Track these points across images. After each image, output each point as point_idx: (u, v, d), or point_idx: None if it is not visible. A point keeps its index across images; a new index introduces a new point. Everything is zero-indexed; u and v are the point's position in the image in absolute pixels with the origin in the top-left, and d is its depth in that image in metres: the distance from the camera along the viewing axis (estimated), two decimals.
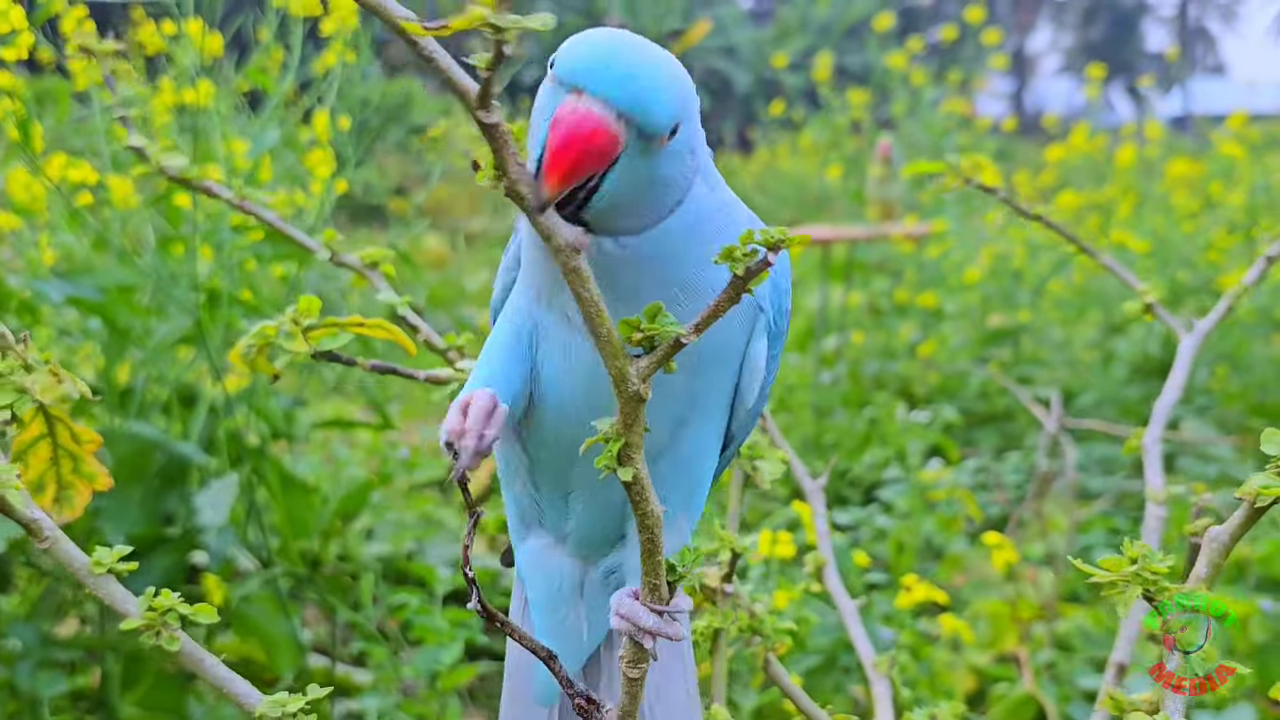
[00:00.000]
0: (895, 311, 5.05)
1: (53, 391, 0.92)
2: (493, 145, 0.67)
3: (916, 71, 6.13)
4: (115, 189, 2.14)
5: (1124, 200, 4.93)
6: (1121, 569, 0.79)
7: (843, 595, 1.34)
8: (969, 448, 4.15)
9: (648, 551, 0.83)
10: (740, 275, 0.72)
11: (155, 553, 2.18)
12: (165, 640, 0.86)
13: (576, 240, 0.70)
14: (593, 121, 0.75)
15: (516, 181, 0.68)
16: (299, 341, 1.02)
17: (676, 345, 0.74)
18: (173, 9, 2.44)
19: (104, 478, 1.00)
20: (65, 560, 0.89)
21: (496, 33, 0.63)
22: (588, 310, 0.72)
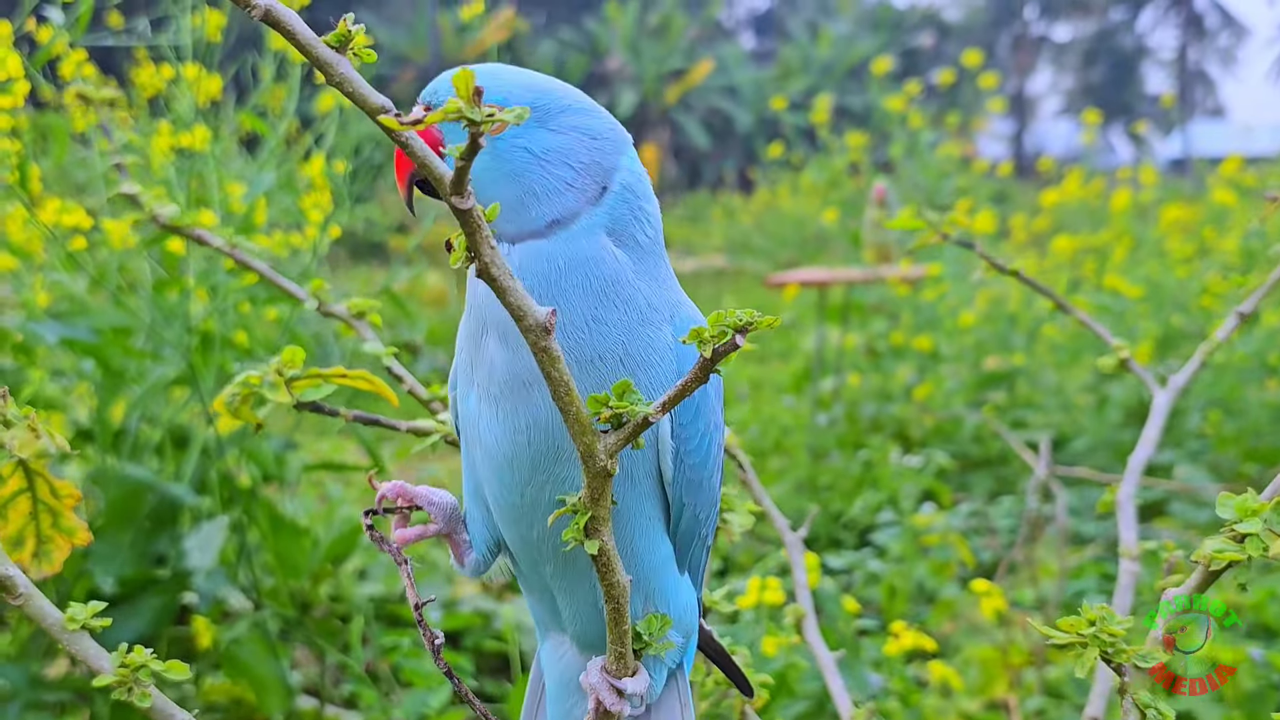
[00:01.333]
0: (891, 354, 5.06)
1: (30, 447, 0.93)
2: (466, 230, 0.69)
3: (914, 114, 6.16)
4: (111, 231, 2.16)
5: (1119, 245, 4.95)
6: (1080, 629, 0.80)
7: (821, 647, 1.34)
8: (963, 492, 4.15)
9: (613, 621, 0.84)
10: (708, 356, 0.73)
11: (146, 594, 2.19)
12: (137, 697, 0.86)
13: (547, 320, 0.72)
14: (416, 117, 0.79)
15: (489, 264, 0.70)
16: (282, 392, 1.03)
17: (644, 423, 0.75)
18: (170, 53, 2.46)
19: (83, 532, 1.01)
20: (38, 617, 0.89)
21: (472, 125, 0.65)
22: (557, 390, 0.74)
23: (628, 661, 0.87)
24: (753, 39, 39.19)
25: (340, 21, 0.69)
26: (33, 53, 2.41)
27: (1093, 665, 0.79)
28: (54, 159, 2.54)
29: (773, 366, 7.20)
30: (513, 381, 0.85)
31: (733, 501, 1.18)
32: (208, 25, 2.43)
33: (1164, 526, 3.52)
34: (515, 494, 0.88)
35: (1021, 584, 3.09)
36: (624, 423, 0.76)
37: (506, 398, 0.85)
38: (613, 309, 0.86)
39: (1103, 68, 36.04)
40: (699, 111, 28.87)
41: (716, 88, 28.72)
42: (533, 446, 0.86)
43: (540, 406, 0.84)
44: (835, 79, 27.41)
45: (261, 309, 2.44)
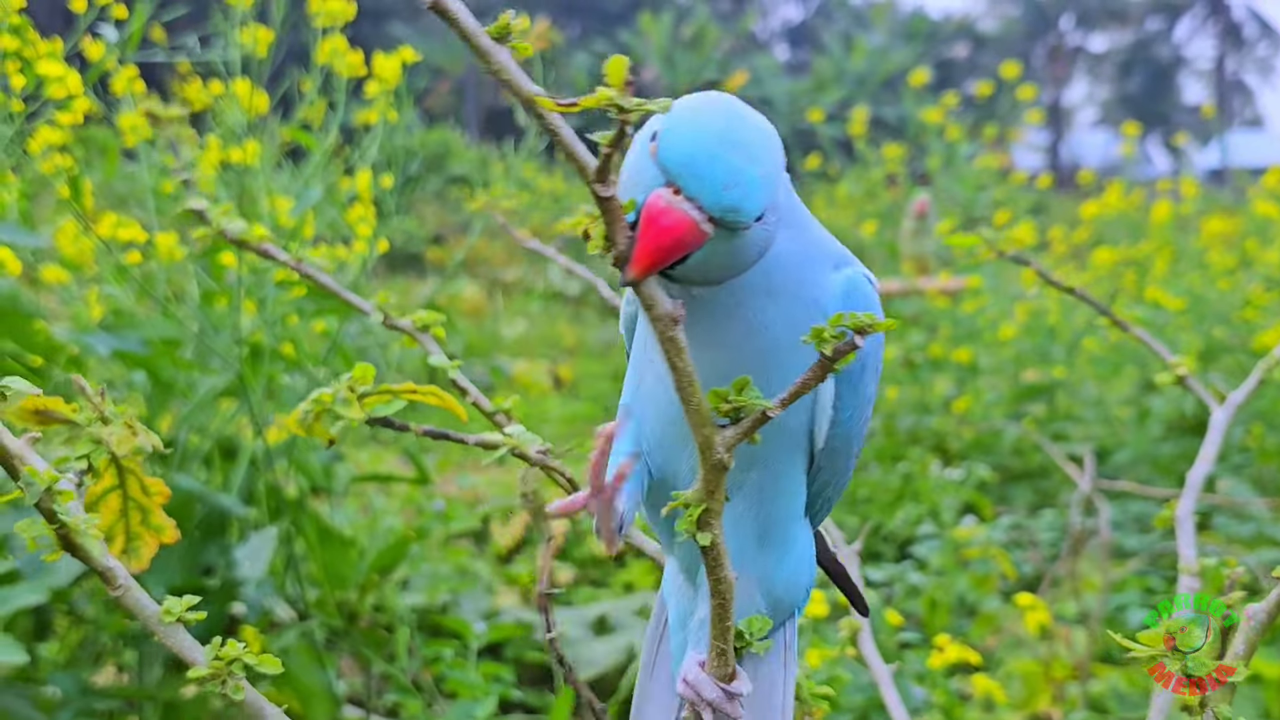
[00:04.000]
0: (930, 366, 5.05)
1: (127, 444, 0.95)
2: (606, 218, 0.71)
3: (952, 126, 6.16)
4: (160, 244, 2.19)
5: (1160, 257, 4.93)
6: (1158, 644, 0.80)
7: (877, 660, 1.35)
8: (1003, 504, 4.14)
9: (718, 617, 0.84)
10: (828, 355, 0.75)
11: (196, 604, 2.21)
12: (231, 689, 0.88)
13: (675, 311, 0.73)
14: (685, 225, 0.78)
15: (626, 252, 0.72)
16: (355, 408, 1.05)
17: (763, 418, 0.77)
18: (220, 68, 2.49)
19: (171, 530, 1.03)
20: (135, 609, 0.92)
21: (621, 113, 0.67)
22: (680, 380, 0.75)
23: (729, 659, 0.87)
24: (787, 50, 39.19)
25: (502, 15, 0.70)
26: (84, 69, 2.45)
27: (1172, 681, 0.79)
28: (105, 174, 2.57)
29: None
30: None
31: None
32: (257, 43, 2.46)
33: (1207, 540, 3.50)
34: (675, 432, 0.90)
35: (1064, 598, 3.08)
36: (742, 417, 0.77)
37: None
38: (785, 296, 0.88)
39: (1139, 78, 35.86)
40: None
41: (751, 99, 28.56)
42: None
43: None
44: (869, 90, 27.37)
45: (309, 322, 2.47)
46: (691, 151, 0.80)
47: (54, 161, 2.16)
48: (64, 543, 0.88)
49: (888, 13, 32.20)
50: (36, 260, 2.38)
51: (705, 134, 0.81)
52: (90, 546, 0.88)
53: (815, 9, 38.92)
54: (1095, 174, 7.21)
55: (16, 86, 2.07)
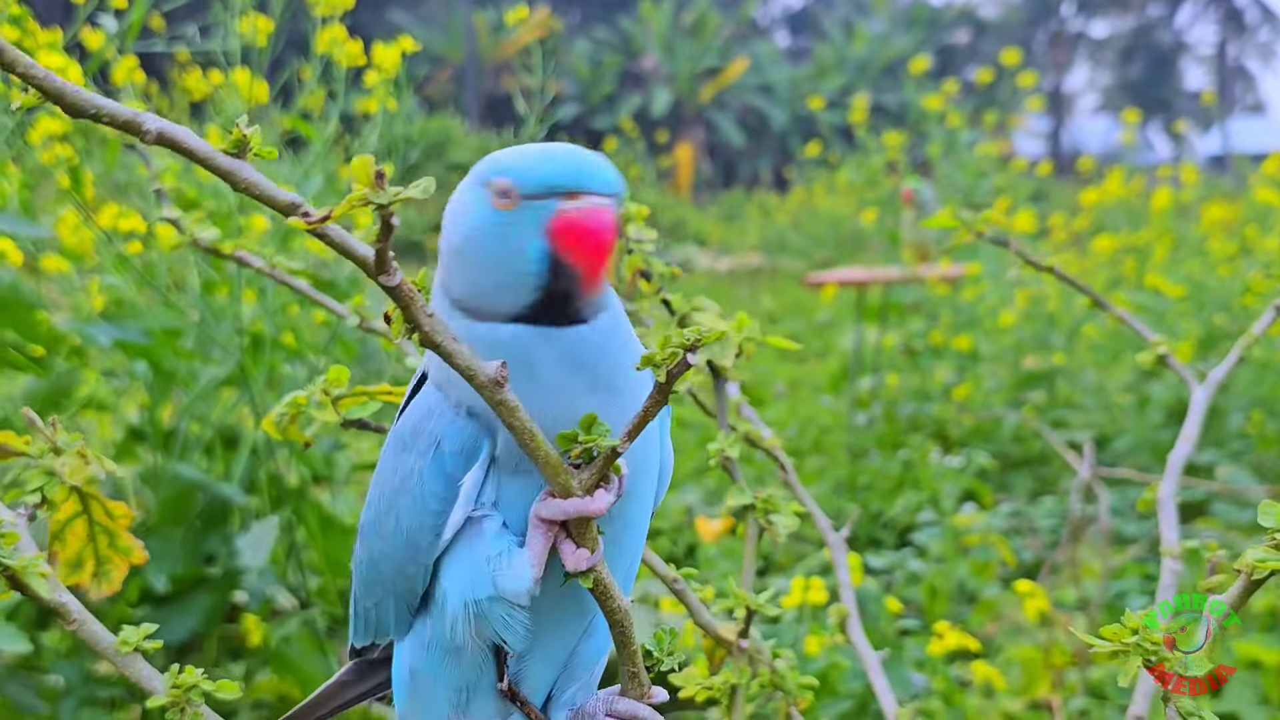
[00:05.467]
0: (930, 353, 5.06)
1: (80, 474, 0.95)
2: (400, 304, 0.71)
3: (953, 113, 6.15)
4: (161, 234, 2.19)
5: (1160, 244, 4.93)
6: (1123, 638, 0.81)
7: (866, 647, 1.35)
8: (1003, 492, 4.15)
9: (621, 644, 0.85)
10: (663, 380, 0.76)
11: (197, 592, 2.22)
12: (190, 717, 0.88)
13: (498, 375, 0.74)
14: (609, 216, 0.81)
15: (430, 333, 0.72)
16: (329, 411, 1.05)
17: (613, 454, 0.78)
18: (220, 58, 2.50)
19: (139, 551, 1.04)
20: (92, 641, 0.91)
21: (380, 209, 0.68)
22: (523, 438, 0.76)
23: (642, 679, 0.88)
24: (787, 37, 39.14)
25: (235, 128, 0.72)
26: (84, 59, 2.45)
27: (1135, 673, 0.80)
28: (106, 164, 2.58)
29: (810, 365, 7.21)
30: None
31: (778, 503, 1.19)
32: (257, 32, 2.46)
33: (1206, 527, 3.51)
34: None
35: (1064, 584, 3.09)
36: (595, 456, 0.78)
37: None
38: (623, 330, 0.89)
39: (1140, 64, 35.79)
40: (734, 110, 28.87)
41: (751, 86, 28.71)
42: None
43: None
44: (870, 77, 27.36)
45: (310, 311, 2.47)
46: (567, 160, 0.83)
47: (54, 152, 2.16)
48: (12, 583, 0.88)
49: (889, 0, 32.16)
50: (37, 250, 2.38)
51: (554, 149, 0.84)
52: (37, 586, 0.88)
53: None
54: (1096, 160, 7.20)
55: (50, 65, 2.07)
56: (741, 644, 1.13)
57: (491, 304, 0.83)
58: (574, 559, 0.83)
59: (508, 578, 0.85)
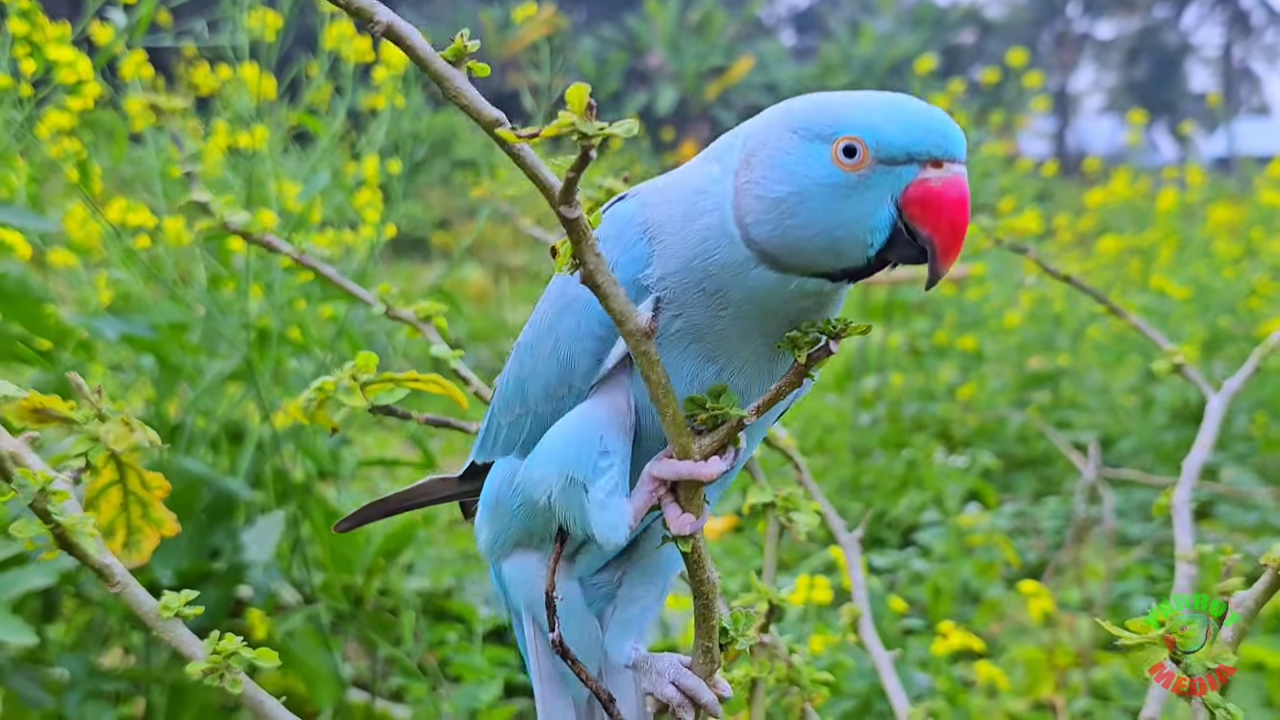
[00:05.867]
0: (935, 353, 5.06)
1: (125, 440, 0.95)
2: (573, 238, 0.72)
3: (958, 114, 6.15)
4: (169, 229, 2.19)
5: (1165, 245, 4.93)
6: (1149, 631, 0.81)
7: (878, 646, 1.36)
8: (1007, 492, 4.15)
9: (702, 617, 0.86)
10: (803, 362, 0.77)
11: (202, 587, 2.22)
12: (229, 683, 0.89)
13: (649, 325, 0.75)
14: (967, 189, 0.77)
15: (594, 271, 0.73)
16: (358, 396, 1.06)
17: (739, 424, 0.78)
18: (229, 53, 2.50)
19: (171, 523, 1.04)
20: (134, 604, 0.91)
21: (583, 139, 0.68)
22: (655, 391, 0.77)
23: (715, 656, 0.89)
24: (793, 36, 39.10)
25: (457, 37, 0.71)
26: (92, 53, 2.45)
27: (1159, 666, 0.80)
28: (114, 157, 2.58)
29: None
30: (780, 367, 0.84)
31: (798, 501, 1.19)
32: (265, 27, 2.47)
33: (1210, 529, 3.51)
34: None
35: (1068, 585, 3.09)
36: (719, 424, 0.78)
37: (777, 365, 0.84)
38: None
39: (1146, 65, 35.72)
40: (739, 109, 28.82)
41: (757, 85, 28.67)
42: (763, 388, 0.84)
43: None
44: (876, 77, 27.31)
45: (316, 306, 2.47)
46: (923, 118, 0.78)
47: (63, 146, 2.16)
48: (60, 541, 0.89)
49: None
50: (45, 244, 2.38)
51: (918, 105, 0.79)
52: (86, 545, 0.89)
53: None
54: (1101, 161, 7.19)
55: (26, 71, 2.08)
56: (763, 638, 1.13)
57: (808, 263, 0.79)
58: (679, 522, 0.83)
59: (603, 522, 0.85)
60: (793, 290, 0.79)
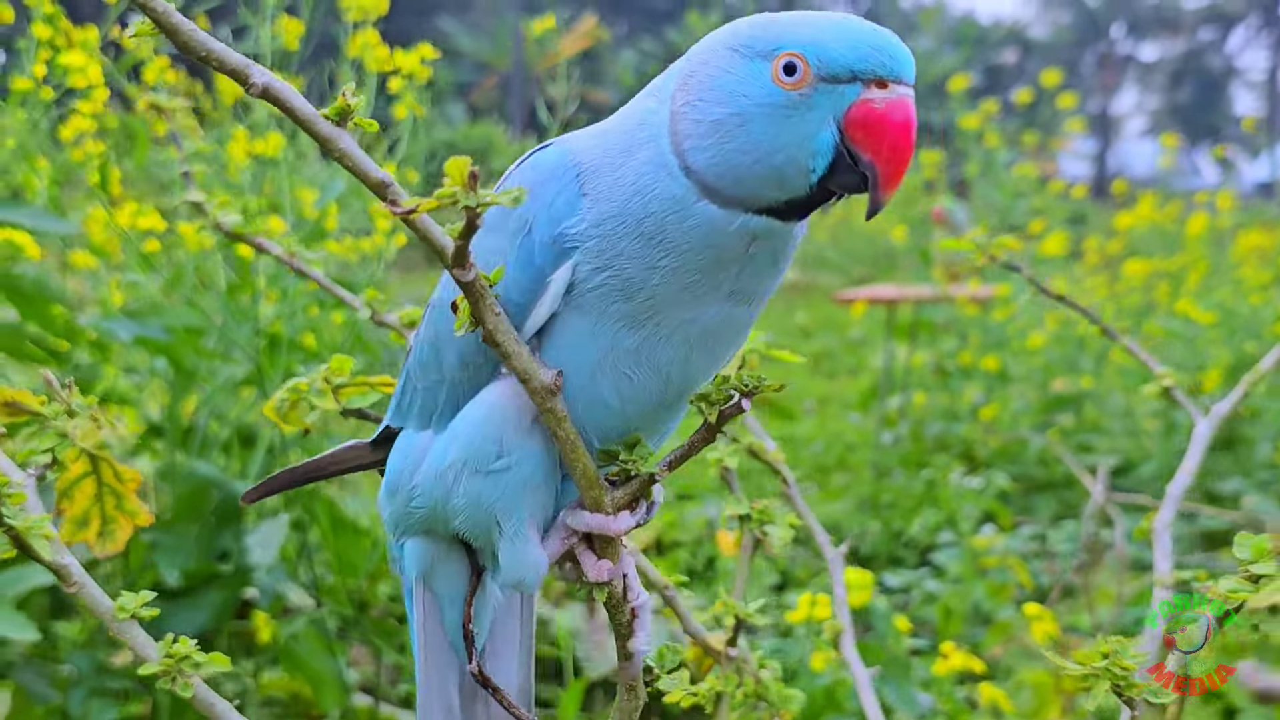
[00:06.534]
0: (961, 373, 5.04)
1: (92, 437, 0.97)
2: (470, 299, 0.72)
3: (991, 133, 6.13)
4: (186, 234, 2.22)
5: (1194, 270, 4.90)
6: (1093, 662, 0.81)
7: (858, 663, 1.36)
8: (1026, 514, 4.13)
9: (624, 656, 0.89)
10: (714, 421, 0.76)
11: (208, 588, 2.24)
12: (180, 687, 0.90)
13: (554, 382, 0.74)
14: (911, 108, 0.73)
15: (493, 331, 0.73)
16: (329, 399, 1.07)
17: (650, 479, 0.79)
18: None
19: (145, 514, 1.05)
20: (91, 604, 0.92)
21: (467, 209, 0.68)
22: (565, 448, 0.77)
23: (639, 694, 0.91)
24: None
25: (339, 96, 0.71)
26: (119, 57, 2.48)
27: (1103, 696, 0.80)
28: (136, 160, 2.61)
29: (842, 382, 7.19)
30: (730, 329, 0.82)
31: (773, 514, 1.19)
32: (287, 34, 2.49)
33: (1229, 558, 3.48)
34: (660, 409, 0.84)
35: (1079, 609, 3.07)
36: (632, 477, 0.79)
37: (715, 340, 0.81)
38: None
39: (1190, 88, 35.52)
40: None
41: None
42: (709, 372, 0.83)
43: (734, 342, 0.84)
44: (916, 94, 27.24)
45: (330, 313, 2.49)
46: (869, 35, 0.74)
47: (85, 149, 2.19)
48: (16, 543, 0.90)
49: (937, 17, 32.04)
50: (67, 246, 2.42)
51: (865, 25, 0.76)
52: (40, 547, 0.89)
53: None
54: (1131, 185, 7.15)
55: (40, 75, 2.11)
56: (730, 652, 1.14)
57: (750, 192, 0.75)
58: (595, 570, 0.84)
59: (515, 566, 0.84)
60: (736, 230, 0.76)
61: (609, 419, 0.82)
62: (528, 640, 1.03)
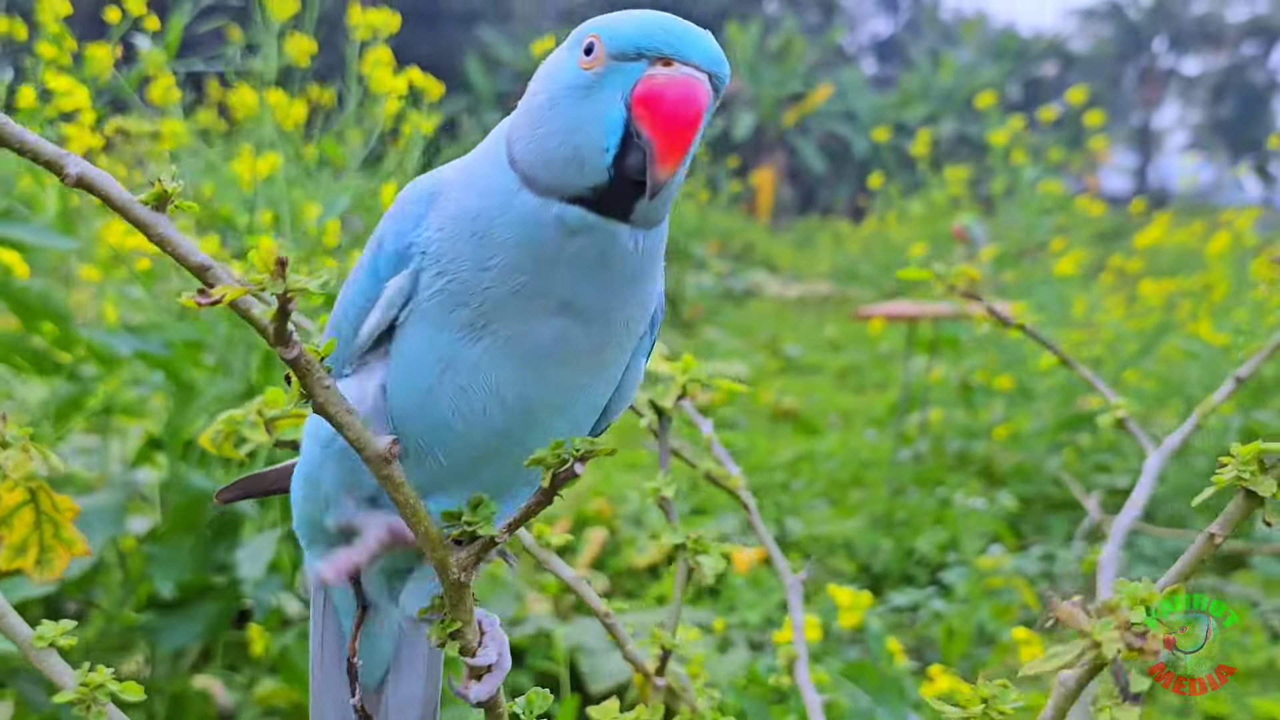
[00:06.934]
0: (984, 390, 5.02)
1: (22, 468, 0.99)
2: (299, 375, 0.73)
3: (1018, 150, 6.12)
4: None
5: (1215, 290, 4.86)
6: (972, 706, 0.81)
7: (810, 690, 1.36)
8: (1041, 533, 4.12)
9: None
10: (548, 485, 0.76)
11: (203, 599, 2.27)
12: (94, 715, 0.91)
13: (388, 450, 0.75)
14: (698, 91, 0.74)
15: (325, 403, 0.74)
16: (262, 432, 1.09)
17: (491, 542, 0.79)
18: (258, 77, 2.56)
19: (81, 544, 1.07)
20: (9, 634, 0.94)
21: (280, 298, 0.69)
22: (405, 512, 0.77)
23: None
24: (874, 64, 38.99)
25: (157, 182, 0.72)
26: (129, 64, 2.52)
27: None
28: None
29: (869, 396, 7.17)
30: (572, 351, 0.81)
31: (706, 544, 1.19)
32: (297, 52, 2.52)
33: (1245, 583, 3.46)
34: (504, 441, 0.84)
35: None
36: (476, 536, 0.79)
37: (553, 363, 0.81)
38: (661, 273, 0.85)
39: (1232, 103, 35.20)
40: (816, 136, 28.79)
41: (835, 112, 28.61)
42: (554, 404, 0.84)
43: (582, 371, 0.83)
44: (955, 107, 27.15)
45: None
46: (660, 23, 0.76)
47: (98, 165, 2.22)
48: None
49: (978, 29, 31.94)
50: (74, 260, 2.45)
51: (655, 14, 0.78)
52: None
53: (905, 23, 38.72)
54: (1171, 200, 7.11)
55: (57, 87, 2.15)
56: (658, 681, 1.14)
57: (556, 177, 0.76)
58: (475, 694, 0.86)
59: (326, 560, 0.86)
60: (553, 222, 0.76)
61: (454, 442, 0.83)
62: (437, 653, 1.03)
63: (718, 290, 11.78)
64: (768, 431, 5.91)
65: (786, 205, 27.29)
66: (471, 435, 0.82)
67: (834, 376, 8.03)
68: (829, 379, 7.92)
